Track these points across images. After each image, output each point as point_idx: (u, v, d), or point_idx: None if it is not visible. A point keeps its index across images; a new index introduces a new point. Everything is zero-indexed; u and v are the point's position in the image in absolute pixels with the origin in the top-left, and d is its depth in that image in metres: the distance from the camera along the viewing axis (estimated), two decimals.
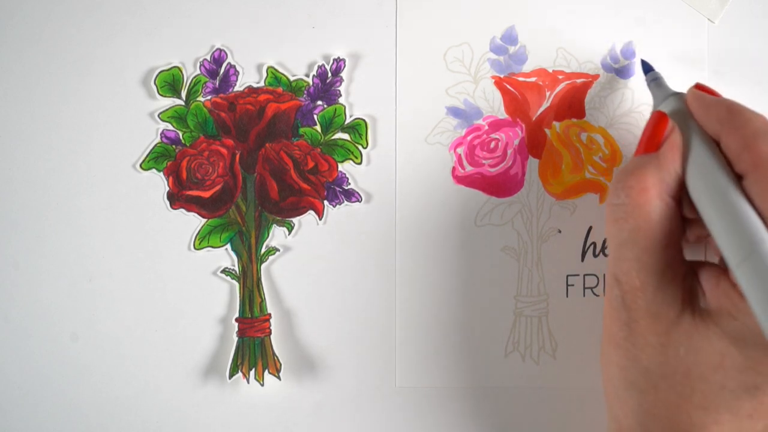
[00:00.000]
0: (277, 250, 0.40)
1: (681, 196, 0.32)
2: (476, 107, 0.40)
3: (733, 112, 0.31)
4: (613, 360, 0.32)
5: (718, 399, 0.29)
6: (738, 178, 0.30)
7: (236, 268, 0.40)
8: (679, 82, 0.41)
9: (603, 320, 0.33)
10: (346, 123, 0.40)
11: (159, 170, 0.40)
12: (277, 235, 0.40)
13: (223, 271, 0.40)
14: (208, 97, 0.40)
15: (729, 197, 0.28)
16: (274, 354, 0.40)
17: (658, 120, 0.33)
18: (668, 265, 0.31)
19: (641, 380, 0.31)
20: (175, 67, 0.40)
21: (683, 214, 0.32)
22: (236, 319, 0.40)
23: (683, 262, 0.31)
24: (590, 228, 0.40)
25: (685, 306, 0.30)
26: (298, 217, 0.40)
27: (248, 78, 0.40)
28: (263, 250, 0.40)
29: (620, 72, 0.41)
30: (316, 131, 0.40)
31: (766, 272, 0.26)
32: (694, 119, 0.32)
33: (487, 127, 0.41)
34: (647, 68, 0.39)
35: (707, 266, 0.31)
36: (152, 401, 0.40)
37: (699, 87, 0.34)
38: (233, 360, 0.40)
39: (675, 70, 0.41)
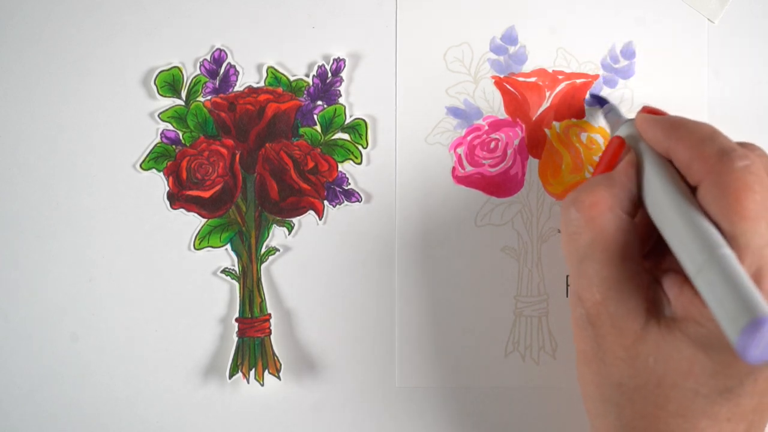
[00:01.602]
0: (277, 250, 0.40)
1: (635, 212, 0.32)
2: (476, 107, 0.41)
3: (677, 125, 0.31)
4: (587, 378, 0.32)
5: (693, 405, 0.29)
6: (692, 190, 0.30)
7: (236, 268, 0.40)
8: (680, 82, 0.41)
9: (573, 339, 0.33)
10: (346, 123, 0.40)
11: (159, 170, 0.40)
12: (277, 235, 0.40)
13: (223, 271, 0.40)
14: (208, 97, 0.40)
15: (683, 208, 0.29)
16: (274, 354, 0.40)
17: (614, 144, 0.34)
18: (628, 277, 0.30)
19: (616, 395, 0.31)
20: (175, 67, 0.40)
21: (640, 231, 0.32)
22: (236, 319, 0.40)
23: (644, 273, 0.31)
24: None
25: (649, 316, 0.30)
26: (298, 217, 0.40)
27: (248, 78, 0.40)
28: (263, 250, 0.40)
29: (620, 72, 0.41)
30: (316, 131, 0.40)
31: (723, 278, 0.26)
32: (644, 140, 0.33)
33: (487, 127, 0.41)
34: (602, 102, 0.39)
35: (670, 274, 0.31)
36: (152, 401, 0.40)
37: (646, 110, 0.34)
38: (233, 360, 0.40)
39: (675, 70, 0.41)
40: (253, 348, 0.40)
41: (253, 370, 0.40)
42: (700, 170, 0.29)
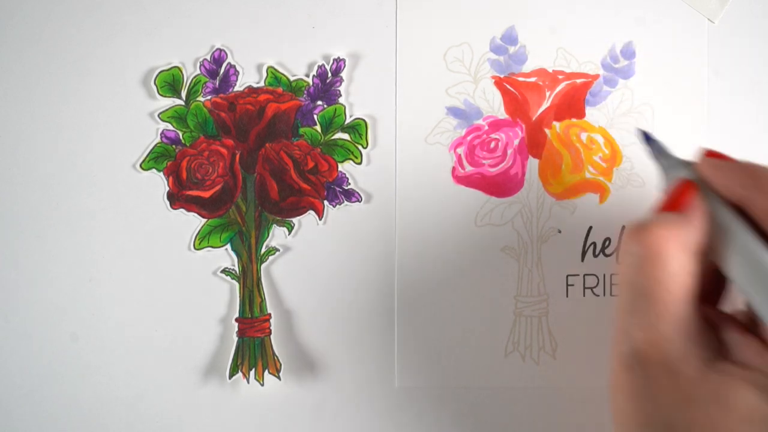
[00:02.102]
0: (277, 250, 0.40)
1: (700, 257, 0.31)
2: (476, 107, 0.40)
3: (757, 175, 0.30)
4: (628, 413, 0.31)
5: None
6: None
7: (236, 268, 0.40)
8: (680, 82, 0.41)
9: (612, 372, 0.32)
10: (346, 123, 0.40)
11: (159, 170, 0.40)
12: (277, 235, 0.40)
13: (223, 271, 0.40)
14: (208, 97, 0.40)
15: (764, 263, 0.28)
16: (274, 354, 0.40)
17: (683, 186, 0.32)
18: (686, 320, 0.30)
19: None
20: (175, 67, 0.40)
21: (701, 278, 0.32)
22: (236, 319, 0.40)
23: (700, 318, 0.31)
24: (590, 228, 0.40)
25: (706, 361, 0.30)
26: (298, 217, 0.40)
27: (248, 78, 0.40)
28: (263, 250, 0.40)
29: (620, 72, 0.41)
30: (316, 131, 0.40)
31: None
32: (711, 187, 0.32)
33: (487, 127, 0.41)
34: (648, 137, 0.37)
35: (731, 322, 0.31)
36: (152, 401, 0.40)
37: (710, 154, 0.33)
38: (233, 360, 0.40)
39: (675, 70, 0.41)
40: (253, 348, 0.40)
41: (253, 370, 0.40)
42: None
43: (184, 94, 0.40)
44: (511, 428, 0.40)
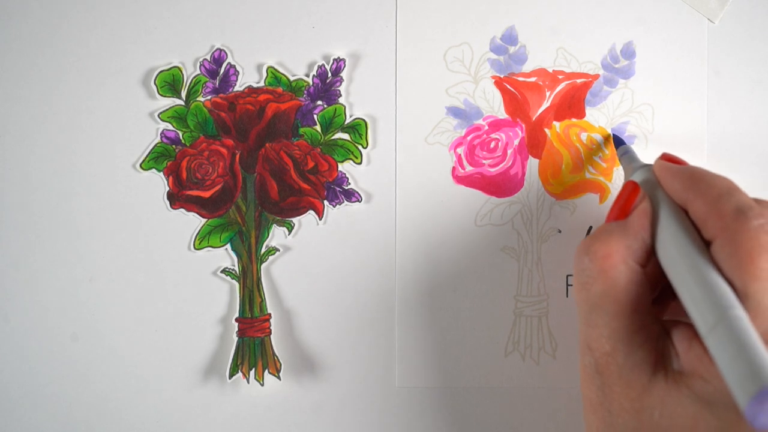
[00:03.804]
0: (277, 250, 0.40)
1: (647, 262, 0.32)
2: (476, 107, 0.41)
3: (696, 177, 0.31)
4: (593, 426, 0.32)
5: None
6: (707, 245, 0.30)
7: (236, 268, 0.40)
8: (680, 82, 0.41)
9: (581, 385, 0.33)
10: (346, 123, 0.40)
11: (159, 170, 0.40)
12: (277, 235, 0.40)
13: (223, 271, 0.40)
14: (208, 97, 0.40)
15: (697, 264, 0.28)
16: (274, 354, 0.40)
17: (628, 189, 0.33)
18: (638, 329, 0.30)
19: None
20: (175, 67, 0.40)
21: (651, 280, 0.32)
22: (236, 319, 0.40)
23: (654, 324, 0.31)
24: (590, 228, 0.40)
25: (657, 369, 0.30)
26: (298, 217, 0.40)
27: (248, 78, 0.40)
28: (263, 250, 0.40)
29: (620, 72, 0.41)
30: (316, 131, 0.40)
31: (734, 338, 0.25)
32: (662, 189, 0.33)
33: (487, 127, 0.41)
34: (619, 141, 0.39)
35: (680, 327, 0.31)
36: (152, 401, 0.40)
37: (665, 157, 0.34)
38: (233, 360, 0.40)
39: (675, 70, 0.41)
40: (253, 348, 0.40)
41: (253, 370, 0.40)
42: (715, 226, 0.29)
43: (184, 94, 0.40)
44: (511, 428, 0.40)
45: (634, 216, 0.32)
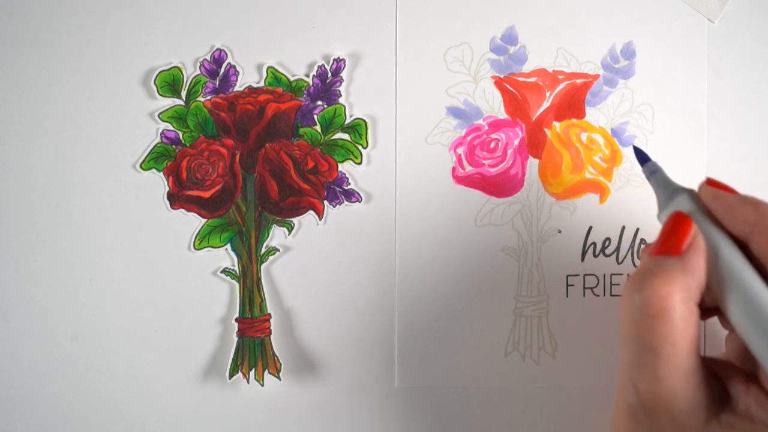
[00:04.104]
0: (277, 250, 0.40)
1: (701, 302, 0.31)
2: (476, 107, 0.40)
3: (763, 211, 0.30)
4: None
5: None
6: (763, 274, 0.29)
7: (236, 268, 0.40)
8: (680, 82, 0.41)
9: (613, 426, 0.32)
10: (346, 123, 0.40)
11: (159, 170, 0.40)
12: (277, 235, 0.40)
13: (223, 271, 0.40)
14: (208, 97, 0.40)
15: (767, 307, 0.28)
16: (274, 354, 0.40)
17: (678, 221, 0.31)
18: (693, 372, 0.29)
19: None
20: (175, 67, 0.40)
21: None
22: (236, 319, 0.40)
23: (704, 367, 0.30)
24: (590, 228, 0.40)
25: (711, 413, 0.29)
26: (298, 217, 0.40)
27: (248, 78, 0.40)
28: (263, 250, 0.40)
29: (620, 72, 0.41)
30: (316, 131, 0.40)
31: None
32: (713, 220, 0.31)
33: (487, 127, 0.41)
34: (644, 158, 0.36)
35: (733, 371, 0.30)
36: (152, 401, 0.40)
37: (712, 183, 0.32)
38: (233, 360, 0.40)
39: (675, 70, 0.41)
40: (253, 348, 0.40)
41: (253, 370, 0.40)
42: None
43: (184, 94, 0.40)
44: (511, 428, 0.40)
45: (692, 253, 0.30)
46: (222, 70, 0.40)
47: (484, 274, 0.40)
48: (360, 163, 0.40)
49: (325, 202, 0.40)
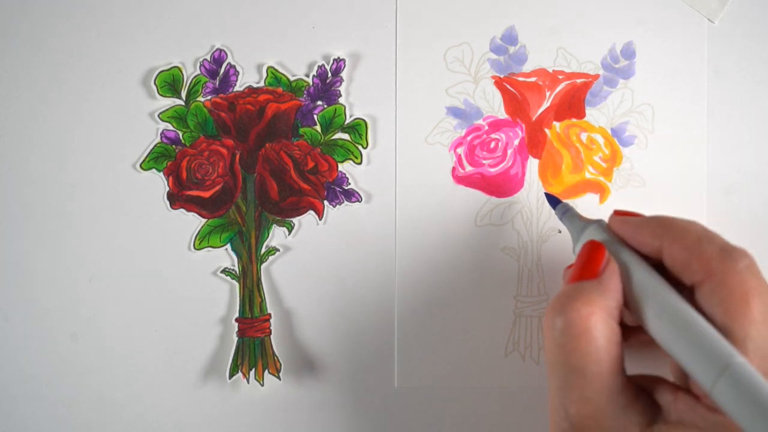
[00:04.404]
0: (277, 250, 0.40)
1: (621, 320, 0.31)
2: (476, 107, 0.40)
3: (667, 225, 0.31)
4: None
5: None
6: (688, 290, 0.29)
7: (236, 268, 0.40)
8: (680, 82, 0.41)
9: None
10: (346, 123, 0.40)
11: (159, 170, 0.40)
12: (277, 235, 0.40)
13: (223, 271, 0.40)
14: (208, 97, 0.40)
15: (688, 319, 0.28)
16: (274, 354, 0.40)
17: (593, 248, 0.32)
18: (621, 390, 0.30)
19: None
20: (175, 67, 0.40)
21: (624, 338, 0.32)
22: (236, 319, 0.40)
23: (630, 383, 0.31)
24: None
25: (642, 427, 0.30)
26: (298, 217, 0.40)
27: (248, 78, 0.40)
28: (263, 250, 0.40)
29: (620, 72, 0.41)
30: (316, 131, 0.40)
31: (744, 386, 0.25)
32: (624, 243, 0.32)
33: (487, 127, 0.41)
34: (554, 201, 0.39)
35: (660, 382, 0.31)
36: (152, 401, 0.40)
37: (619, 213, 0.34)
38: (233, 360, 0.40)
39: (675, 70, 0.41)
40: (253, 348, 0.40)
41: (253, 370, 0.40)
42: (699, 271, 0.29)
43: (184, 94, 0.40)
44: (511, 428, 0.40)
45: (607, 274, 0.31)
46: (222, 70, 0.40)
47: (484, 274, 0.40)
48: (360, 163, 0.40)
49: (325, 202, 0.40)
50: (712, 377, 0.26)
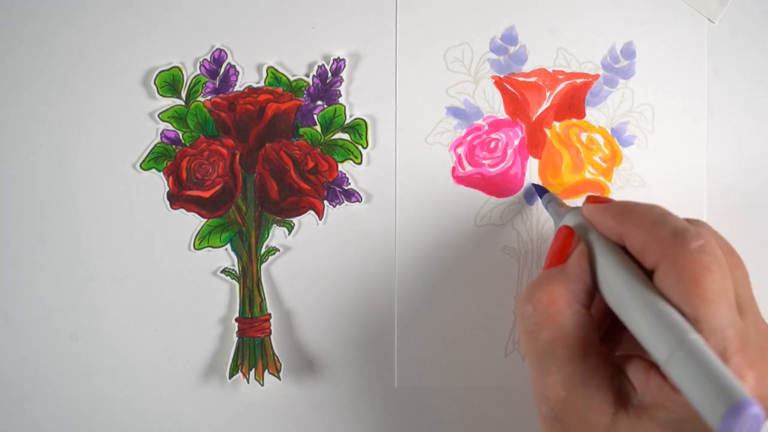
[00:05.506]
0: (277, 250, 0.40)
1: (591, 304, 0.32)
2: (476, 107, 0.41)
3: (627, 210, 0.31)
4: None
5: None
6: (649, 274, 0.30)
7: (236, 268, 0.40)
8: (680, 82, 0.41)
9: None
10: (346, 123, 0.40)
11: (159, 170, 0.40)
12: (277, 235, 0.40)
13: (223, 271, 0.40)
14: (208, 97, 0.40)
15: (643, 297, 0.28)
16: (274, 354, 0.40)
17: (562, 235, 0.33)
18: (592, 371, 0.30)
19: None
20: (175, 67, 0.40)
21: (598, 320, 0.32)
22: (236, 319, 0.40)
23: (606, 364, 0.31)
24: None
25: (618, 407, 0.30)
26: (298, 217, 0.40)
27: (248, 78, 0.40)
28: (263, 250, 0.40)
29: (620, 72, 0.41)
30: (316, 131, 0.40)
31: (694, 363, 0.26)
32: (595, 229, 0.33)
33: (487, 127, 0.41)
34: (541, 191, 0.39)
35: (633, 361, 0.31)
36: (152, 401, 0.40)
37: (591, 199, 0.34)
38: (233, 360, 0.40)
39: (675, 70, 0.41)
40: (253, 348, 0.40)
41: (253, 370, 0.40)
42: (655, 254, 0.29)
43: (184, 94, 0.40)
44: (512, 428, 0.40)
45: (572, 260, 0.32)
46: (222, 70, 0.40)
47: (484, 274, 0.40)
48: (360, 163, 0.40)
49: (325, 202, 0.40)
50: (667, 353, 0.27)
